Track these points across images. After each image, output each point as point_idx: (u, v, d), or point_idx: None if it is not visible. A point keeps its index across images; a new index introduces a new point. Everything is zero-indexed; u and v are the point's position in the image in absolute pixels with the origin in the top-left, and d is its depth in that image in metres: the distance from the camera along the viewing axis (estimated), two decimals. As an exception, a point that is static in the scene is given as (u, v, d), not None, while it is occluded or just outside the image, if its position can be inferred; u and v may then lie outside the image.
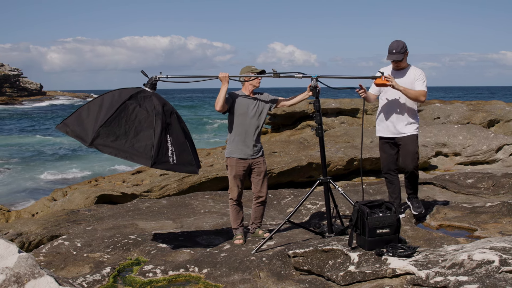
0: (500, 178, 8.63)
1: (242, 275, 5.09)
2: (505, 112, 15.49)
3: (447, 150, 13.24)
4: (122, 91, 5.47)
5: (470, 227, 6.23)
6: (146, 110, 5.37)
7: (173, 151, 5.35)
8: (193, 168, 5.56)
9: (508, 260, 3.89)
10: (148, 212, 8.26)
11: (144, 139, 5.26)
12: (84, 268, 5.67)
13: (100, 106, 5.37)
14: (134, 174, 12.98)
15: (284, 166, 11.71)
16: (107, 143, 5.21)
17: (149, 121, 5.32)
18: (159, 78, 5.67)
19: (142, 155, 5.22)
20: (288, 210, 7.94)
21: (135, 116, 5.33)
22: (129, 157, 5.22)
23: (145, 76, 5.66)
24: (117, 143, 5.22)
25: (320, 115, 5.74)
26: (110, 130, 5.22)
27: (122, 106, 5.31)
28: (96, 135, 5.19)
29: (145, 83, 5.64)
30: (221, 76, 5.78)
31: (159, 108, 5.39)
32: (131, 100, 5.38)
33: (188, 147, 5.59)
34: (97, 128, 5.20)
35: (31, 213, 10.80)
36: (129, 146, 5.23)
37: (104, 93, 5.53)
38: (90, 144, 5.20)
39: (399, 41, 6.10)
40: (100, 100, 5.44)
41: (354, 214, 4.90)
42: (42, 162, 25.12)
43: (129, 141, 5.24)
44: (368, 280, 4.36)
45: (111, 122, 5.23)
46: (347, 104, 15.92)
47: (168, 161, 5.31)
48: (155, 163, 5.22)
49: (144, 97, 5.47)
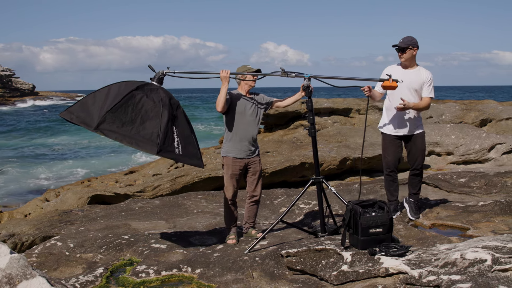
0: (492, 177, 8.66)
1: (235, 275, 5.09)
2: (497, 112, 15.54)
3: (439, 150, 13.28)
4: (129, 82, 5.44)
5: (463, 226, 6.24)
6: (153, 100, 5.33)
7: (179, 142, 5.32)
8: (199, 161, 5.49)
9: (500, 259, 3.90)
10: (141, 212, 8.24)
11: (150, 127, 5.20)
12: (77, 268, 5.65)
13: (106, 94, 5.32)
14: (127, 174, 12.96)
15: (277, 166, 11.72)
16: (112, 128, 5.16)
17: (156, 111, 5.29)
18: (166, 73, 5.65)
19: (148, 142, 5.17)
20: (281, 210, 7.95)
21: (142, 105, 5.29)
22: (135, 143, 5.17)
23: (152, 71, 5.63)
24: (123, 129, 5.17)
25: (313, 115, 5.74)
26: (117, 116, 5.18)
27: (129, 95, 5.27)
28: (102, 120, 5.14)
29: (151, 78, 5.61)
30: (222, 76, 5.76)
31: (166, 100, 5.36)
32: (138, 91, 5.34)
33: (193, 141, 5.56)
34: (103, 114, 5.15)
35: (24, 213, 10.75)
36: (135, 133, 5.18)
37: (111, 84, 5.48)
38: (95, 129, 5.14)
39: (411, 36, 6.18)
40: (107, 89, 5.39)
41: (347, 213, 4.91)
42: (31, 163, 25.02)
43: (135, 128, 5.19)
44: (361, 280, 4.37)
45: (117, 109, 5.19)
46: (340, 103, 15.93)
47: (174, 151, 5.27)
48: (161, 151, 5.15)
49: (151, 89, 5.44)
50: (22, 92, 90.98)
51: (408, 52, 6.14)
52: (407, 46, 6.12)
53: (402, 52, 6.16)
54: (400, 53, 6.19)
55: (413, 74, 6.20)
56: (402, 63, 6.26)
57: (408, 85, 6.14)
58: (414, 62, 6.24)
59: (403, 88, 6.15)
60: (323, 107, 15.68)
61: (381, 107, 15.22)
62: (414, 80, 6.17)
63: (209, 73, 5.91)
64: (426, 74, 6.22)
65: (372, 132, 13.86)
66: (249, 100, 6.00)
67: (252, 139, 6.01)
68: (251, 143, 6.00)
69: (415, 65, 6.26)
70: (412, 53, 6.15)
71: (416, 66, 6.26)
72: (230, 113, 5.95)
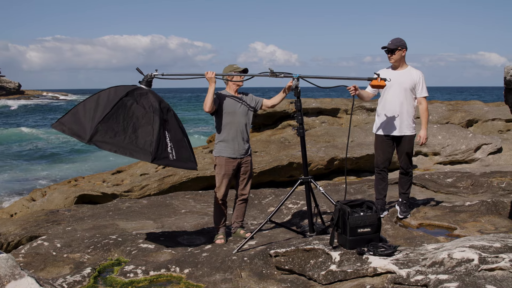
0: (478, 177, 8.73)
1: (223, 275, 5.08)
2: (483, 112, 15.67)
3: (426, 150, 13.36)
4: (118, 88, 5.43)
5: (450, 226, 6.29)
6: (143, 107, 5.33)
7: (172, 147, 5.33)
8: (192, 164, 5.52)
9: (487, 258, 3.93)
10: (129, 212, 8.21)
11: (143, 135, 5.22)
12: (64, 268, 5.62)
13: (96, 103, 5.31)
14: (114, 174, 12.89)
15: (265, 166, 11.72)
16: (106, 139, 5.16)
17: (147, 118, 5.29)
18: (154, 75, 5.63)
19: (142, 151, 5.18)
20: (269, 210, 7.95)
21: (133, 112, 5.29)
22: (129, 153, 5.18)
23: (140, 74, 5.62)
24: (116, 139, 5.17)
25: (301, 115, 5.76)
26: (109, 127, 5.17)
27: (119, 103, 5.26)
28: (95, 132, 5.13)
29: (140, 81, 5.59)
30: (208, 77, 5.75)
31: (156, 105, 5.37)
32: (128, 97, 5.34)
33: (186, 143, 5.57)
34: (95, 125, 5.14)
35: (10, 213, 10.66)
36: (128, 142, 5.18)
37: (100, 91, 5.46)
38: (89, 141, 5.13)
39: (400, 38, 6.28)
40: (96, 97, 5.38)
41: (335, 213, 4.92)
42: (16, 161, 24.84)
43: (128, 137, 5.19)
44: (350, 279, 4.38)
45: (109, 119, 5.18)
46: (328, 103, 15.97)
47: (168, 156, 5.29)
48: (155, 159, 5.17)
49: (141, 94, 5.43)
50: (8, 90, 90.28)
51: (397, 53, 6.22)
52: (396, 47, 6.21)
53: (391, 53, 6.25)
54: (390, 55, 6.27)
55: (404, 74, 6.29)
56: (392, 65, 6.34)
57: (399, 85, 6.22)
58: (403, 62, 6.33)
59: (395, 89, 6.23)
60: (311, 107, 15.72)
61: (368, 107, 15.29)
62: (405, 80, 6.25)
63: (196, 75, 5.91)
64: (417, 73, 6.30)
65: (359, 132, 13.91)
66: (238, 99, 6.00)
67: (244, 138, 6.01)
68: (243, 142, 6.01)
69: (405, 66, 6.35)
70: (401, 54, 6.24)
71: (406, 67, 6.36)
72: (221, 113, 5.95)
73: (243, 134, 6.00)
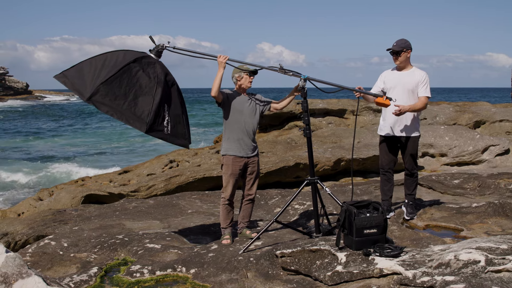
0: (486, 178, 8.70)
1: (229, 275, 5.09)
2: (491, 113, 15.60)
3: (433, 151, 13.31)
4: (127, 53, 5.41)
5: (457, 227, 6.27)
6: (149, 76, 5.33)
7: (168, 121, 5.34)
8: (185, 141, 5.56)
9: (494, 260, 3.92)
10: (135, 212, 8.23)
11: (143, 105, 5.22)
12: (71, 268, 5.64)
13: (103, 63, 5.29)
14: (121, 173, 12.92)
15: (272, 166, 11.71)
16: (105, 101, 5.15)
17: (150, 87, 5.28)
18: (166, 47, 5.63)
19: (138, 119, 5.19)
20: (275, 210, 7.95)
21: (137, 80, 5.28)
22: (125, 119, 5.18)
23: (152, 42, 5.61)
24: (115, 103, 5.16)
25: (308, 116, 5.76)
26: (110, 89, 5.17)
27: (126, 67, 5.26)
28: (95, 91, 5.13)
29: (151, 49, 5.58)
30: (219, 60, 5.74)
31: (162, 77, 5.37)
32: (136, 63, 5.32)
33: (183, 120, 5.57)
34: (97, 85, 5.14)
35: (17, 212, 10.70)
36: (127, 109, 5.18)
37: (108, 52, 5.44)
38: (88, 99, 5.13)
39: (404, 39, 6.27)
40: (104, 57, 5.35)
41: (341, 214, 4.92)
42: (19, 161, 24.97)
43: (127, 103, 5.19)
44: (356, 280, 4.38)
45: (112, 81, 5.18)
46: (335, 104, 15.94)
47: (163, 130, 5.30)
48: (149, 130, 5.20)
49: (148, 63, 5.42)
50: (16, 90, 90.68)
51: (402, 55, 6.23)
52: (401, 49, 6.21)
53: (397, 55, 6.25)
54: (395, 56, 6.27)
55: (408, 75, 6.29)
56: (397, 66, 6.34)
57: (403, 87, 6.22)
58: (408, 63, 6.33)
59: (399, 90, 6.23)
60: (317, 108, 15.69)
61: (375, 108, 15.26)
62: (409, 81, 6.25)
63: (207, 54, 5.87)
64: (421, 74, 6.29)
65: (366, 133, 13.88)
66: (247, 99, 6.02)
67: (251, 137, 6.02)
68: (250, 141, 6.01)
69: (409, 67, 6.34)
70: (406, 55, 6.25)
71: (411, 68, 6.35)
72: (229, 111, 5.96)
73: (250, 133, 6.01)
